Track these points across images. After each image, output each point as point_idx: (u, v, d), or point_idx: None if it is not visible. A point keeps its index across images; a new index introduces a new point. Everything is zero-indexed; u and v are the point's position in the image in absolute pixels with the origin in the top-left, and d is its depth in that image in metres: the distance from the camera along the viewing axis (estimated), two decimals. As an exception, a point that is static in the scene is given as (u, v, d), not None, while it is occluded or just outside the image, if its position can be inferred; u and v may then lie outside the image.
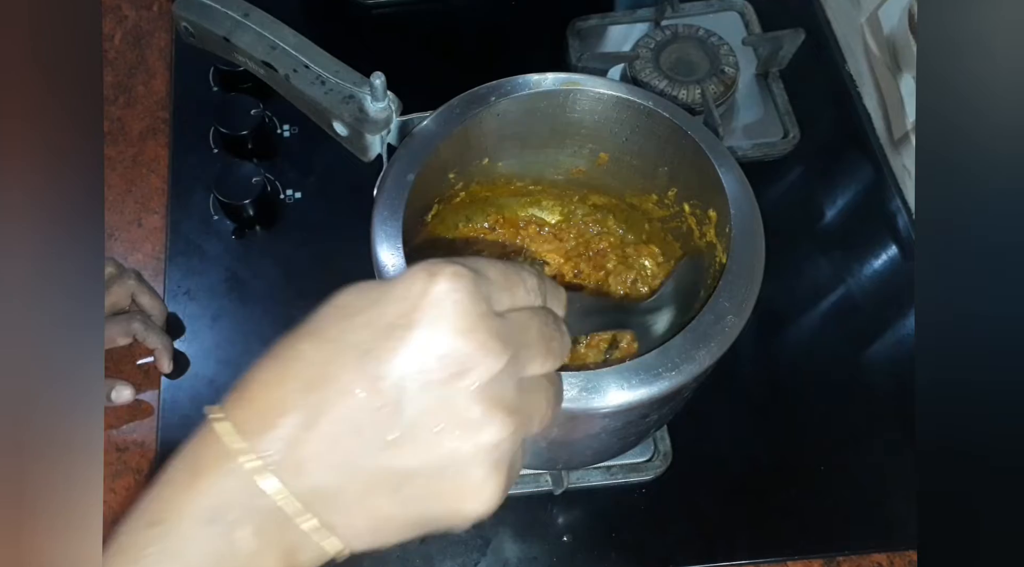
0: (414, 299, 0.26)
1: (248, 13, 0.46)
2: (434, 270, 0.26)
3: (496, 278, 0.28)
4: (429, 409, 0.26)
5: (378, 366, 0.26)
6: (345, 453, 0.26)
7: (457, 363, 0.26)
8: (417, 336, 0.26)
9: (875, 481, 0.59)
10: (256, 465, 0.26)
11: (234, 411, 0.27)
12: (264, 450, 0.26)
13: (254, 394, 0.27)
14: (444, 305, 0.26)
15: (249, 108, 0.70)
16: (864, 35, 0.74)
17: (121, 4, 0.80)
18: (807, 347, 0.64)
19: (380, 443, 0.26)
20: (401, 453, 0.26)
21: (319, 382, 0.26)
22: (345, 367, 0.26)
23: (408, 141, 0.46)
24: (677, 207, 0.52)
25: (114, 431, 0.61)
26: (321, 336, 0.27)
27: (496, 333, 0.26)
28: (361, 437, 0.26)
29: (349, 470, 0.26)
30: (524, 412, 0.27)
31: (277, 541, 0.26)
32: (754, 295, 0.42)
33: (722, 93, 0.70)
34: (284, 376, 0.27)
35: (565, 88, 0.48)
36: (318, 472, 0.26)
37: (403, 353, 0.26)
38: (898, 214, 0.69)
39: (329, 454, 0.26)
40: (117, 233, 0.69)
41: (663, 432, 0.59)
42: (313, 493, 0.26)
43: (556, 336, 0.30)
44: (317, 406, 0.26)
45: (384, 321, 0.26)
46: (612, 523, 0.57)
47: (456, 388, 0.26)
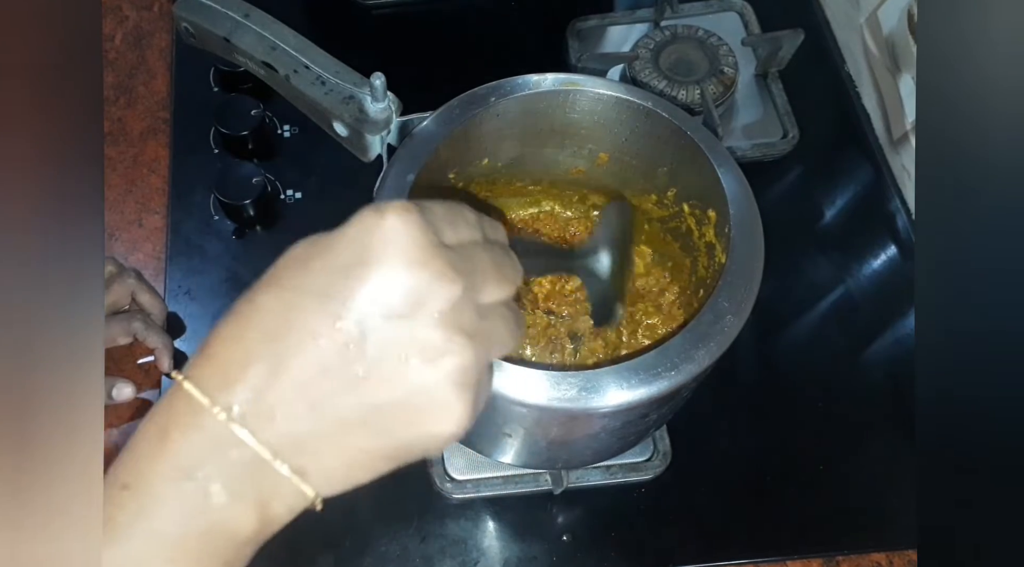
0: (366, 238, 0.27)
1: (248, 14, 0.46)
2: (382, 208, 0.27)
3: (440, 212, 0.29)
4: (392, 342, 0.26)
5: (339, 306, 0.26)
6: (314, 396, 0.26)
7: (415, 294, 0.26)
8: (374, 272, 0.26)
9: (874, 481, 0.59)
10: (224, 417, 0.26)
11: (198, 369, 0.27)
12: (231, 402, 0.26)
13: (216, 350, 0.27)
14: (396, 239, 0.27)
15: (249, 108, 0.70)
16: (863, 36, 0.74)
17: (122, 4, 0.80)
18: (806, 347, 0.65)
19: (348, 381, 0.27)
20: (369, 388, 0.27)
21: (282, 330, 0.27)
22: (306, 312, 0.27)
23: (408, 141, 0.46)
24: (676, 207, 0.52)
25: (115, 430, 0.61)
26: (279, 286, 0.28)
27: (450, 262, 0.27)
28: (328, 378, 0.26)
29: (319, 412, 0.27)
30: (484, 336, 0.28)
31: (250, 492, 0.27)
32: (753, 295, 0.42)
33: (721, 93, 0.70)
34: (246, 328, 0.27)
35: (565, 88, 0.48)
36: (288, 418, 0.27)
37: (362, 291, 0.26)
38: (897, 214, 0.69)
39: (298, 399, 0.26)
40: (118, 233, 0.69)
41: (662, 432, 0.59)
42: (284, 439, 0.27)
43: (507, 263, 0.30)
44: (281, 353, 0.26)
45: (340, 263, 0.27)
46: (611, 522, 0.57)
47: (417, 318, 0.26)
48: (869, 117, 0.74)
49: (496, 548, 0.57)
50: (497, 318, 0.29)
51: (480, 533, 0.57)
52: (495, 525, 0.57)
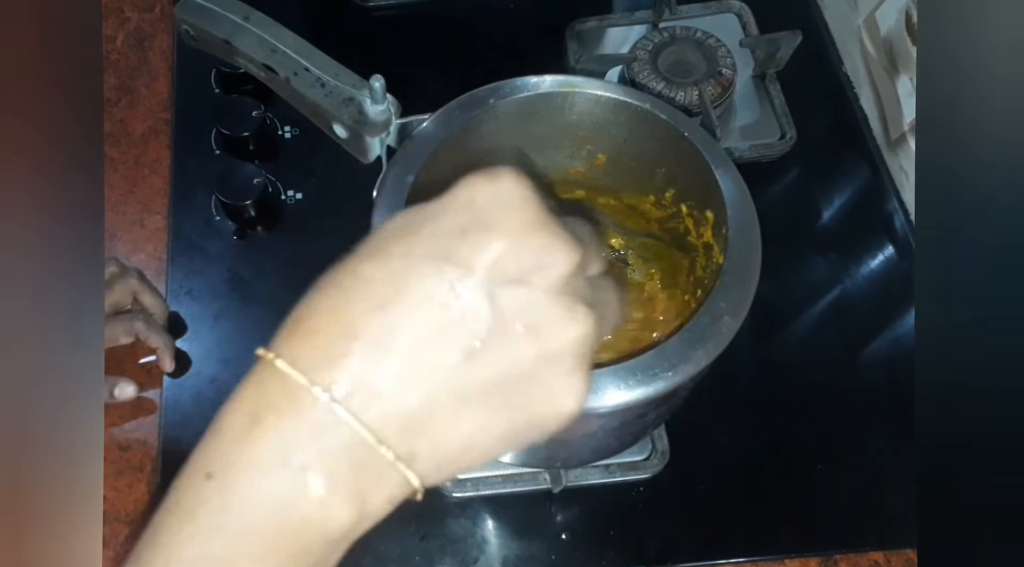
0: (481, 201, 0.25)
1: (249, 16, 0.46)
2: (494, 172, 0.25)
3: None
4: (515, 308, 0.24)
5: (456, 270, 0.24)
6: (428, 368, 0.24)
7: (536, 258, 0.24)
8: (495, 235, 0.24)
9: (872, 480, 0.59)
10: (327, 399, 0.23)
11: (294, 346, 0.25)
12: (333, 381, 0.24)
13: (314, 325, 0.25)
14: (514, 202, 0.25)
15: (250, 110, 0.70)
16: (861, 37, 0.74)
17: (123, 6, 0.81)
18: (804, 347, 0.65)
19: (466, 352, 0.24)
20: (490, 358, 0.24)
21: (391, 299, 0.24)
22: (419, 277, 0.24)
23: (407, 143, 0.46)
24: (674, 208, 0.53)
25: (116, 429, 0.61)
26: (384, 255, 0.25)
27: (567, 227, 0.25)
28: (445, 350, 0.24)
29: (434, 388, 0.24)
30: (599, 308, 0.26)
31: (350, 484, 0.24)
32: (751, 295, 0.42)
33: (719, 95, 0.71)
34: (348, 300, 0.25)
35: (563, 90, 0.48)
36: (398, 394, 0.24)
37: (482, 254, 0.24)
38: (895, 215, 0.70)
39: (410, 373, 0.24)
40: (119, 234, 0.69)
41: (661, 431, 0.59)
42: (393, 419, 0.24)
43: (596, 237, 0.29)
44: (391, 323, 0.24)
45: (454, 226, 0.25)
46: (610, 521, 0.58)
47: (537, 285, 0.25)
48: (867, 118, 0.74)
49: (495, 546, 0.57)
50: (606, 290, 0.28)
51: (479, 531, 0.57)
52: (494, 523, 0.58)
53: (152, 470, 0.60)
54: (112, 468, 0.60)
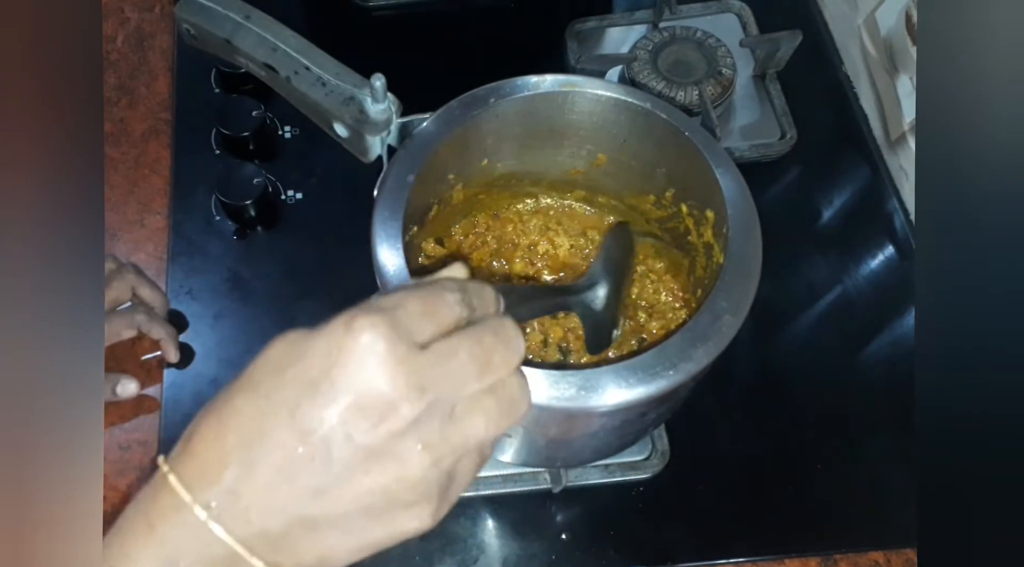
0: (334, 354, 0.28)
1: (249, 15, 0.46)
2: (352, 323, 0.28)
3: (415, 308, 0.29)
4: (354, 456, 0.28)
5: (305, 422, 0.28)
6: (283, 501, 0.28)
7: (376, 411, 0.28)
8: (338, 390, 0.27)
9: (872, 479, 0.59)
10: (204, 516, 0.28)
11: (182, 464, 0.29)
12: (209, 500, 0.28)
13: (197, 448, 0.29)
14: (362, 357, 0.27)
15: (251, 109, 0.70)
16: (861, 37, 0.74)
17: (123, 6, 0.81)
18: (804, 346, 0.65)
19: (313, 491, 0.28)
20: (335, 497, 0.28)
21: (255, 437, 0.28)
22: (277, 424, 0.28)
23: (408, 142, 0.46)
24: (675, 208, 0.53)
25: (116, 429, 0.61)
26: (254, 392, 0.29)
27: (415, 376, 0.28)
28: (296, 486, 0.28)
29: (289, 515, 0.28)
30: (453, 440, 0.29)
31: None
32: (751, 295, 0.42)
33: (719, 94, 0.71)
34: (224, 429, 0.29)
35: (564, 90, 0.48)
36: (261, 518, 0.28)
37: (327, 408, 0.28)
38: (895, 214, 0.70)
39: (269, 503, 0.28)
40: (119, 233, 0.69)
41: (661, 430, 0.59)
42: (259, 537, 0.28)
43: (496, 347, 0.30)
44: (254, 460, 0.28)
45: (309, 377, 0.28)
46: (610, 521, 0.58)
47: (377, 433, 0.28)
48: (867, 118, 0.74)
49: (495, 546, 0.57)
50: (475, 413, 0.30)
51: (479, 531, 0.57)
52: (494, 523, 0.58)
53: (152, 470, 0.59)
54: (113, 468, 0.60)
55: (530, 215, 0.59)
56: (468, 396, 0.30)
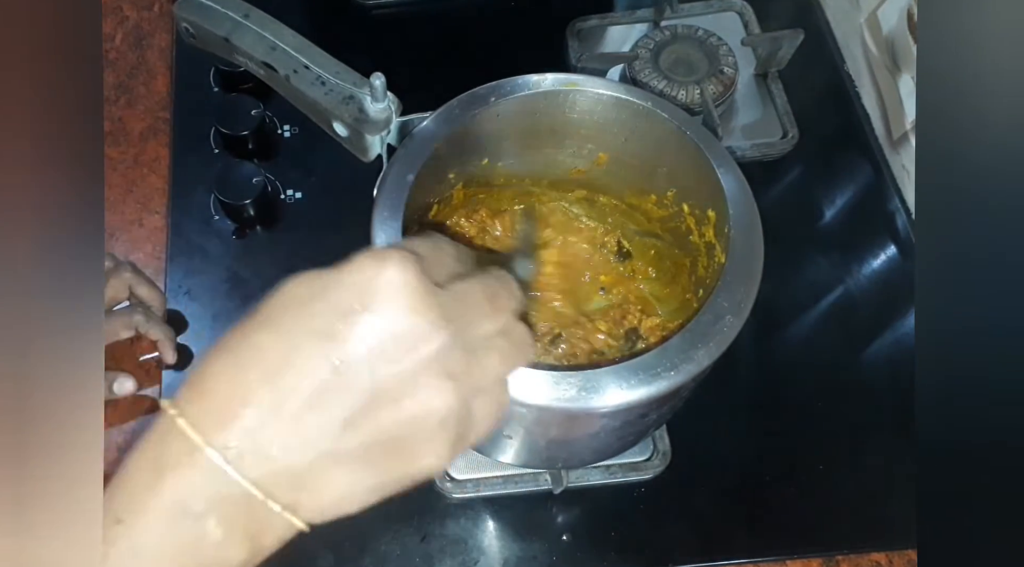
0: (366, 284, 0.28)
1: (248, 14, 0.46)
2: (382, 255, 0.29)
3: (430, 255, 0.31)
4: (385, 384, 0.28)
5: (337, 349, 0.28)
6: (310, 433, 0.27)
7: (408, 340, 0.28)
8: (373, 319, 0.28)
9: (874, 480, 0.59)
10: (220, 457, 0.27)
11: (194, 404, 0.28)
12: (228, 441, 0.27)
13: (213, 386, 0.28)
14: (394, 288, 0.28)
15: (250, 108, 0.70)
16: (863, 35, 0.74)
17: (122, 5, 0.80)
18: (806, 347, 0.65)
19: (342, 421, 0.28)
20: (364, 428, 0.28)
21: (280, 369, 0.28)
22: (306, 353, 0.28)
23: (408, 141, 0.46)
24: (676, 207, 0.52)
25: (115, 430, 0.61)
26: (277, 325, 0.29)
27: (441, 308, 0.29)
28: (324, 418, 0.28)
29: (313, 451, 0.28)
30: (474, 374, 0.30)
31: (243, 527, 0.28)
32: (753, 295, 0.42)
33: (721, 93, 0.70)
34: (243, 367, 0.28)
35: (564, 88, 0.48)
36: (283, 455, 0.27)
37: (361, 335, 0.28)
38: (897, 214, 0.70)
39: (294, 436, 0.27)
40: (118, 233, 0.69)
41: (662, 431, 0.59)
42: (279, 476, 0.28)
43: (500, 292, 0.32)
44: (280, 393, 0.27)
45: (340, 306, 0.28)
46: (611, 522, 0.57)
47: (407, 363, 0.28)
48: (869, 117, 0.74)
49: (496, 548, 0.57)
50: (491, 350, 0.31)
51: (480, 532, 0.57)
52: (495, 524, 0.57)
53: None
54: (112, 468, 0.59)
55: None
56: (483, 335, 0.31)
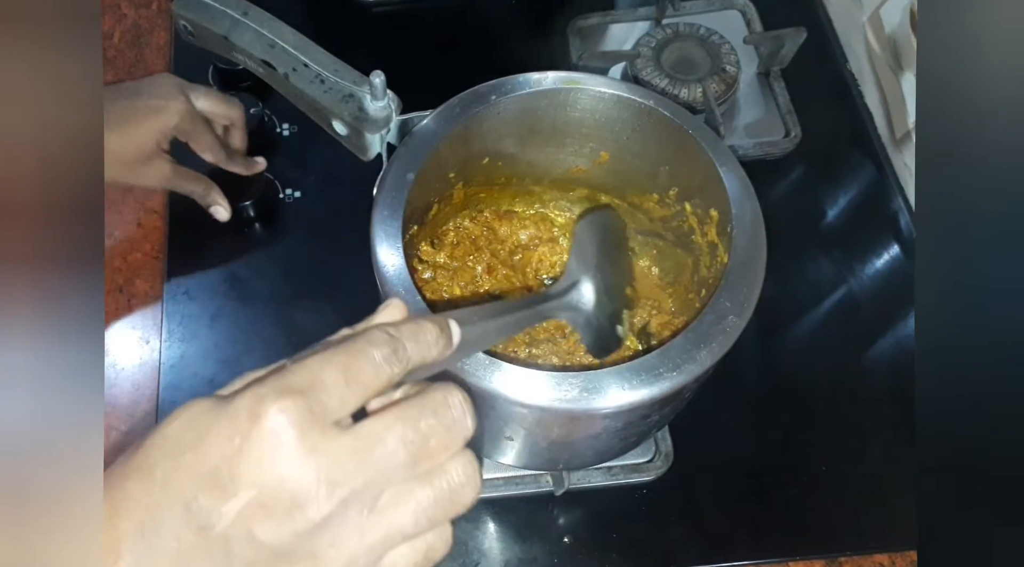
0: (236, 441, 0.25)
1: (247, 11, 0.46)
2: (258, 409, 0.25)
3: (334, 379, 0.26)
4: (258, 556, 0.25)
5: (202, 517, 0.25)
6: None
7: (284, 508, 0.25)
8: (239, 484, 0.25)
9: (877, 481, 0.59)
10: None
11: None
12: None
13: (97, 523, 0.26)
14: (267, 447, 0.25)
15: (248, 107, 0.70)
16: (866, 34, 0.73)
17: (120, 2, 0.80)
18: (809, 347, 0.64)
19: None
20: None
21: (149, 527, 0.25)
22: (172, 516, 0.25)
23: (408, 140, 0.46)
24: (678, 206, 0.52)
25: (114, 431, 0.60)
26: (149, 476, 0.26)
27: (328, 469, 0.25)
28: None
29: None
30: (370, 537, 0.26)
31: None
32: (755, 295, 0.42)
33: (723, 92, 0.70)
34: (115, 517, 0.26)
35: (566, 87, 0.48)
36: None
37: (226, 503, 0.25)
38: (900, 213, 0.69)
39: None
40: (116, 233, 0.68)
41: (664, 432, 0.59)
42: None
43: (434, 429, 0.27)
44: (149, 552, 0.25)
45: (208, 465, 0.25)
46: (613, 524, 0.57)
47: (283, 532, 0.25)
48: (872, 116, 0.74)
49: (497, 549, 0.56)
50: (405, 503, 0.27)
51: (481, 534, 0.57)
52: (496, 526, 0.57)
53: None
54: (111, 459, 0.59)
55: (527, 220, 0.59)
56: (397, 485, 0.26)
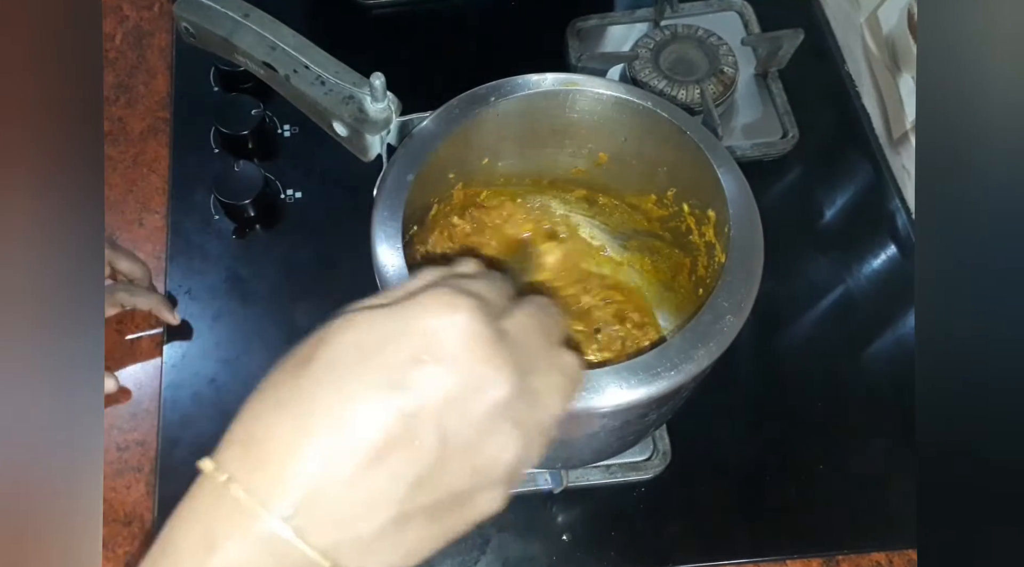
0: (438, 332, 0.27)
1: (248, 14, 0.46)
2: (451, 302, 0.27)
3: (488, 295, 0.29)
4: (455, 438, 0.26)
5: (407, 401, 0.26)
6: (377, 497, 0.26)
7: (477, 391, 0.27)
8: (442, 370, 0.26)
9: (874, 480, 0.59)
10: (283, 526, 0.25)
11: (244, 465, 0.26)
12: (289, 508, 0.25)
13: (266, 445, 0.26)
14: (465, 337, 0.27)
15: (250, 108, 0.70)
16: (863, 35, 0.74)
17: (122, 4, 0.80)
18: (806, 346, 0.65)
19: (412, 481, 0.26)
20: (433, 486, 0.26)
21: (346, 427, 0.25)
22: (373, 406, 0.26)
23: (408, 141, 0.46)
24: (676, 207, 0.52)
25: (115, 430, 0.61)
26: (339, 378, 0.26)
27: (508, 355, 0.27)
28: (393, 478, 0.26)
29: (382, 514, 0.26)
30: (537, 418, 0.29)
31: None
32: (753, 295, 0.42)
33: (721, 93, 0.70)
34: (303, 425, 0.26)
35: (565, 88, 0.48)
36: (347, 519, 0.25)
37: (431, 386, 0.26)
38: (897, 214, 0.69)
39: (363, 502, 0.25)
40: (118, 233, 0.69)
41: (662, 431, 0.59)
42: (347, 543, 0.26)
43: (551, 325, 0.31)
44: (344, 451, 0.25)
45: (406, 355, 0.26)
46: (611, 522, 0.57)
47: (475, 414, 0.27)
48: (869, 117, 0.74)
49: (496, 547, 0.57)
50: (552, 391, 0.30)
51: (480, 532, 0.57)
52: (495, 524, 0.57)
53: (151, 471, 0.59)
54: (111, 468, 0.59)
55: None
56: (542, 374, 0.29)
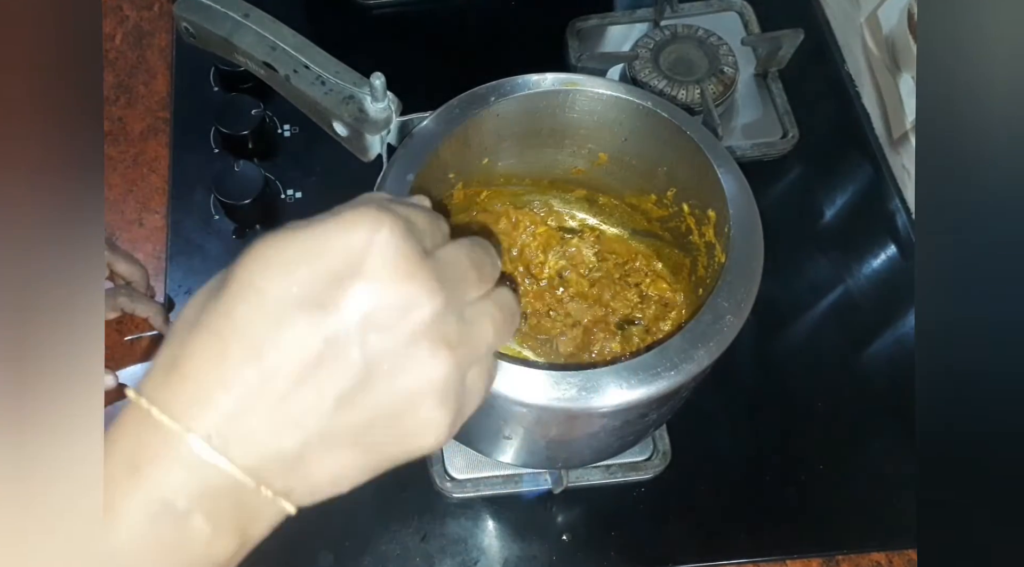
0: (358, 248, 0.26)
1: (248, 14, 0.46)
2: (374, 217, 0.26)
3: (419, 220, 0.29)
4: (381, 356, 0.26)
5: (328, 319, 0.25)
6: (299, 415, 0.25)
7: (402, 308, 0.26)
8: (365, 285, 0.26)
9: (874, 480, 0.59)
10: (205, 445, 0.25)
11: (167, 389, 0.26)
12: (211, 428, 0.25)
13: (189, 368, 0.26)
14: (388, 252, 0.26)
15: (250, 108, 0.70)
16: (863, 35, 0.74)
17: (122, 4, 0.80)
18: (806, 346, 0.65)
19: (335, 398, 0.26)
20: (359, 404, 0.26)
21: (266, 346, 0.25)
22: (293, 324, 0.25)
23: (408, 141, 0.46)
24: (676, 207, 0.52)
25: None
26: (259, 294, 0.26)
27: (435, 273, 0.27)
28: (315, 396, 0.25)
29: (305, 432, 0.26)
30: (469, 342, 0.28)
31: (232, 520, 0.26)
32: (753, 295, 0.42)
33: (721, 93, 0.70)
34: (225, 347, 0.25)
35: (564, 88, 0.48)
36: (273, 440, 0.25)
37: (353, 303, 0.26)
38: (897, 214, 0.70)
39: (283, 419, 0.25)
40: (118, 233, 0.69)
41: (662, 431, 0.59)
42: (270, 461, 0.26)
43: (485, 259, 0.30)
44: (266, 371, 0.25)
45: (330, 272, 0.26)
46: (611, 522, 0.57)
47: (401, 331, 0.26)
48: (869, 117, 0.74)
49: (496, 547, 0.57)
50: (483, 317, 0.29)
51: (480, 532, 0.57)
52: (495, 524, 0.57)
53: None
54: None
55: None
56: (472, 302, 0.29)
